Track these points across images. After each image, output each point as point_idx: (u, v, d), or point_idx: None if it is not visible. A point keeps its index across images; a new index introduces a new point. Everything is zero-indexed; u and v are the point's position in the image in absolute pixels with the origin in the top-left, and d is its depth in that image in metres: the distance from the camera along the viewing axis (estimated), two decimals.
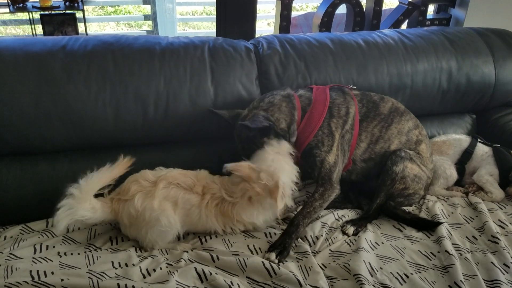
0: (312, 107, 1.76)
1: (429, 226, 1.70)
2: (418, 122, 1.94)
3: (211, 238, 1.60)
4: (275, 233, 1.64)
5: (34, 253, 1.49)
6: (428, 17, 2.97)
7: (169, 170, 1.60)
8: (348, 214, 1.79)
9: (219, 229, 1.58)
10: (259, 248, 1.54)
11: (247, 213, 1.58)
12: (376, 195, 1.79)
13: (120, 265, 1.42)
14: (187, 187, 1.54)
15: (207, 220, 1.55)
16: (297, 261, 1.49)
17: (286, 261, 1.48)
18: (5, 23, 5.27)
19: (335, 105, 1.78)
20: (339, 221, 1.73)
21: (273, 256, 1.47)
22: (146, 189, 1.51)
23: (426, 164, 1.89)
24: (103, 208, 1.50)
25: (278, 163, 1.56)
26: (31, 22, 4.26)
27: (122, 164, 1.50)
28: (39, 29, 4.25)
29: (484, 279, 1.42)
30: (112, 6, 6.81)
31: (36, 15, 4.22)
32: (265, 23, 6.63)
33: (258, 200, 1.55)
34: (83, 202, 1.43)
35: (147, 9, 6.02)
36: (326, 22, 2.70)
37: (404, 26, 2.94)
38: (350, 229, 1.66)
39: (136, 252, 1.52)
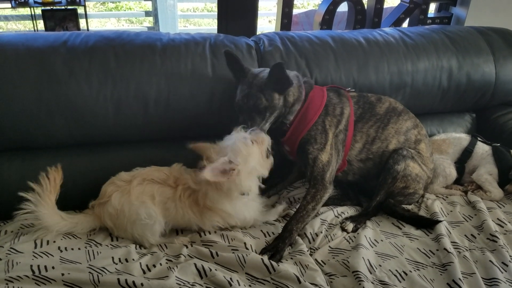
0: (310, 101, 1.76)
1: (428, 224, 1.70)
2: (418, 121, 1.94)
3: (209, 233, 1.60)
4: (273, 233, 1.65)
5: (35, 247, 1.49)
6: (429, 15, 2.97)
7: (143, 169, 1.63)
8: (348, 211, 1.79)
9: (198, 221, 1.58)
10: (255, 250, 1.54)
11: (217, 200, 1.55)
12: (376, 193, 1.79)
13: (120, 261, 1.43)
14: (161, 181, 1.57)
15: (183, 212, 1.56)
16: (293, 259, 1.49)
17: (282, 262, 1.48)
18: (6, 18, 5.27)
19: (331, 104, 1.79)
20: (338, 218, 1.74)
21: (265, 259, 1.45)
22: (121, 188, 1.54)
23: (426, 164, 1.90)
24: (85, 218, 1.57)
25: (250, 148, 1.51)
26: (33, 17, 4.26)
27: (53, 175, 1.52)
28: (40, 24, 4.25)
29: (482, 277, 1.43)
30: (113, 2, 6.80)
31: (38, 11, 4.22)
32: (266, 21, 6.62)
33: (220, 184, 1.50)
34: (51, 217, 1.48)
35: (148, 5, 6.01)
36: (328, 20, 2.70)
37: (405, 24, 2.94)
38: (350, 226, 1.67)
39: (136, 248, 1.53)
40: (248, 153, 1.50)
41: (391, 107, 1.88)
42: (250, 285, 1.37)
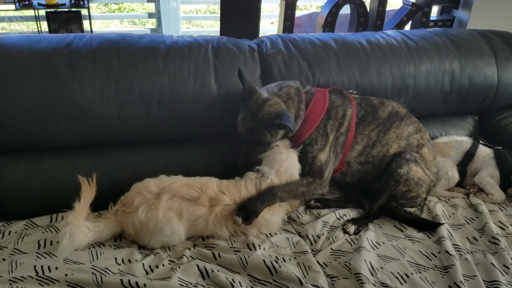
0: (312, 106, 1.78)
1: (429, 226, 1.71)
2: (421, 126, 1.94)
3: (213, 236, 1.61)
4: (275, 233, 1.66)
5: (38, 248, 1.50)
6: (431, 18, 2.97)
7: (172, 181, 1.59)
8: (350, 213, 1.80)
9: (227, 235, 1.59)
10: (258, 245, 1.55)
11: (265, 218, 1.62)
12: (378, 196, 1.80)
13: (123, 261, 1.44)
14: (191, 199, 1.54)
15: (215, 229, 1.56)
16: (296, 260, 1.50)
17: (284, 262, 1.48)
18: (10, 19, 5.29)
19: (333, 107, 1.80)
20: (340, 220, 1.74)
21: (239, 220, 1.52)
22: (149, 201, 1.52)
23: (430, 168, 1.90)
24: (108, 225, 1.53)
25: (291, 159, 1.65)
26: (37, 19, 4.28)
27: (88, 187, 1.50)
28: (44, 25, 4.27)
29: (484, 280, 1.43)
30: (116, 4, 6.82)
31: (42, 12, 4.24)
32: (269, 22, 6.63)
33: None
34: (80, 228, 1.44)
35: (151, 7, 6.03)
36: (330, 22, 2.70)
37: (407, 27, 2.94)
38: (351, 228, 1.68)
39: (139, 249, 1.54)
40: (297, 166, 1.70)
41: (394, 111, 1.88)
42: (252, 287, 1.37)
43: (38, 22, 4.30)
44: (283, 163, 1.65)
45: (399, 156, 1.82)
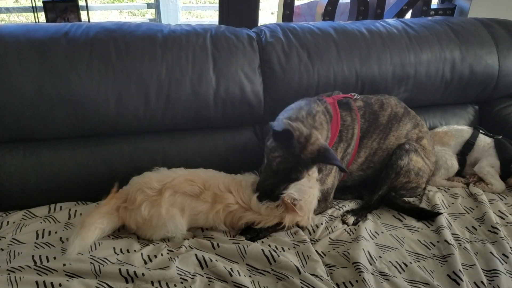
0: (330, 131, 1.69)
1: (428, 216, 1.70)
2: (418, 120, 1.92)
3: (212, 228, 1.60)
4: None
5: (37, 238, 1.50)
6: (432, 7, 2.94)
7: (174, 175, 1.56)
8: (349, 204, 1.79)
9: (225, 229, 1.59)
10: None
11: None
12: (378, 187, 1.79)
13: (121, 251, 1.44)
14: (194, 194, 1.53)
15: (214, 223, 1.56)
16: (295, 249, 1.50)
17: (283, 250, 1.49)
18: (8, 10, 5.25)
19: (344, 127, 1.73)
20: (339, 210, 1.74)
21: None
22: (151, 198, 1.50)
23: (429, 157, 1.89)
24: (111, 220, 1.51)
25: (317, 190, 1.61)
26: (34, 9, 4.24)
27: (112, 196, 1.52)
28: (42, 17, 4.23)
29: (482, 269, 1.43)
30: None
31: (39, 3, 4.20)
32: (269, 12, 6.58)
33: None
34: (90, 232, 1.43)
35: None
36: (330, 11, 2.68)
37: (408, 15, 2.91)
38: (350, 219, 1.67)
39: (138, 239, 1.54)
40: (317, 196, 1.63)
41: (393, 113, 1.84)
42: (250, 276, 1.37)
43: (35, 13, 4.27)
44: (311, 195, 1.60)
45: (398, 147, 1.81)
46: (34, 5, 4.21)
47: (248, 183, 1.60)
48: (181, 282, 1.31)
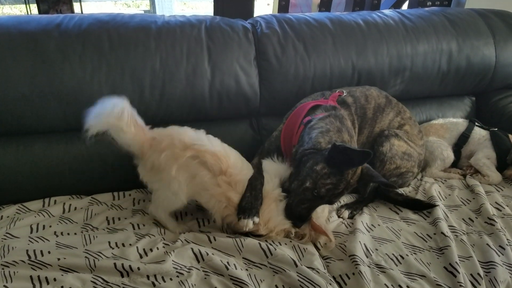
0: None
1: (422, 207, 1.71)
2: (400, 107, 1.89)
3: (209, 223, 1.59)
4: None
5: (31, 232, 1.49)
6: None
7: (206, 143, 1.50)
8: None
9: (219, 223, 1.54)
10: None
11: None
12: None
13: (117, 245, 1.43)
14: (211, 170, 1.47)
15: (212, 209, 1.51)
16: (291, 242, 1.49)
17: (279, 243, 1.47)
18: (0, 2, 5.19)
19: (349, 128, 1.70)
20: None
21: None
22: (174, 150, 1.47)
23: (414, 140, 1.87)
24: (137, 138, 1.49)
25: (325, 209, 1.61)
26: (26, 1, 4.19)
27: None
28: (34, 10, 4.18)
29: (479, 261, 1.43)
30: None
31: None
32: (265, 3, 6.53)
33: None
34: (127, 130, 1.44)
35: None
36: (326, 1, 2.66)
37: (405, 6, 2.90)
38: (345, 213, 1.67)
39: (134, 229, 1.52)
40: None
41: (377, 105, 1.82)
42: (247, 269, 1.36)
43: (27, 5, 4.21)
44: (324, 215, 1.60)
45: (378, 135, 1.81)
46: None
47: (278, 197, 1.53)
48: (177, 276, 1.30)
